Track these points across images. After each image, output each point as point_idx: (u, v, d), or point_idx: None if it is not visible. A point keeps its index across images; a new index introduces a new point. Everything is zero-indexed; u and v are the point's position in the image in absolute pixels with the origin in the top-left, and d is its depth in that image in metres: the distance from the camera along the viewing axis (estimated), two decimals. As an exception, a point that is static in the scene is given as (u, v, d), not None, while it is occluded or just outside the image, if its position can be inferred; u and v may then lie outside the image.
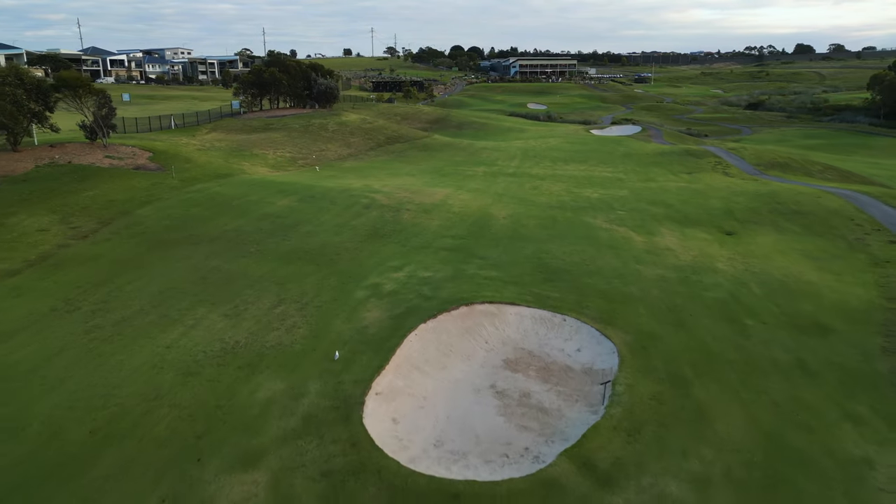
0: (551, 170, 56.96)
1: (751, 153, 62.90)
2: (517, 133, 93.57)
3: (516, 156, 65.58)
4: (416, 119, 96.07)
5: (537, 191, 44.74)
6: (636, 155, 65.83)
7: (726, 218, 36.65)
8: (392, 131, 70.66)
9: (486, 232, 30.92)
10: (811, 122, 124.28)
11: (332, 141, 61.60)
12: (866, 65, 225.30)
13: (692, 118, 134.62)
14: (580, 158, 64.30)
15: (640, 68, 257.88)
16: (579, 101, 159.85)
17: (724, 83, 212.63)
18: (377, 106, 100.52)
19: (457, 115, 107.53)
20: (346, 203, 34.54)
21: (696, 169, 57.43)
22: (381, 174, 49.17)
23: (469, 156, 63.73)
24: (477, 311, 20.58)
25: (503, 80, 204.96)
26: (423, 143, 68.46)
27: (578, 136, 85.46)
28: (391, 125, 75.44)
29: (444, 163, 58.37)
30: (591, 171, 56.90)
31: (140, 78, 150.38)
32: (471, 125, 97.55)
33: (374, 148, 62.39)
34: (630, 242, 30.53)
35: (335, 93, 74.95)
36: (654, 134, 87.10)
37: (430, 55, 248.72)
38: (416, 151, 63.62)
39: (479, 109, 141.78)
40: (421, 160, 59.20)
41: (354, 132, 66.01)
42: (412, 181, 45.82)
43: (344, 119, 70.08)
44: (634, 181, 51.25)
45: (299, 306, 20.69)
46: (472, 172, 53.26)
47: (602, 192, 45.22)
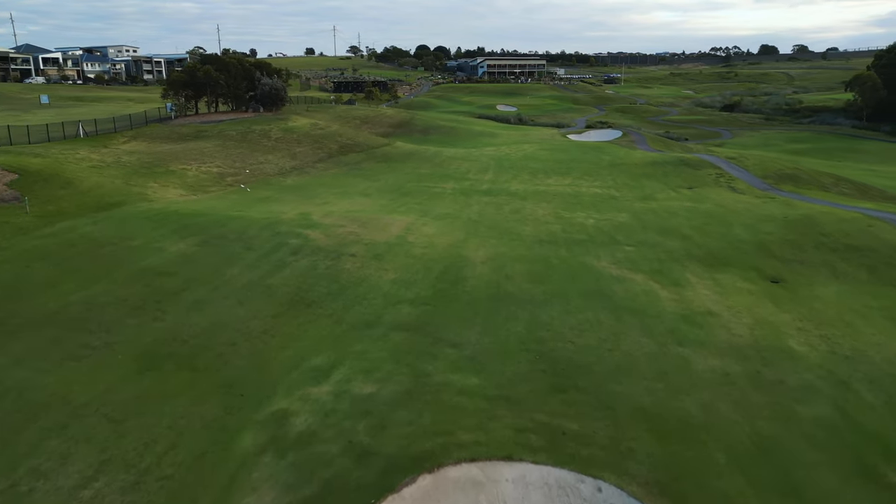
0: (532, 184, 48.50)
1: (754, 163, 55.51)
2: (488, 138, 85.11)
3: (490, 167, 56.99)
4: (377, 123, 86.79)
5: (520, 216, 36.13)
6: (624, 165, 57.91)
7: (762, 255, 28.57)
8: (348, 138, 61.29)
9: (458, 290, 22.10)
10: (790, 125, 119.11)
11: (273, 151, 51.98)
12: (832, 66, 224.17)
13: (668, 120, 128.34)
14: (562, 169, 56.05)
15: (609, 69, 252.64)
16: (550, 102, 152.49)
17: (694, 84, 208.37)
18: (335, 108, 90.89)
19: (422, 117, 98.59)
20: (268, 246, 25.31)
21: (697, 182, 49.69)
22: (327, 195, 39.92)
23: (436, 167, 54.85)
24: (449, 483, 11.71)
25: (471, 80, 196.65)
26: (383, 151, 59.28)
27: (556, 143, 77.38)
28: (347, 131, 66.05)
29: (407, 177, 49.36)
30: (578, 185, 48.64)
31: (77, 77, 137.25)
32: (437, 129, 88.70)
33: (323, 159, 52.98)
34: (656, 302, 22.08)
35: (281, 94, 65.21)
36: (637, 139, 79.58)
37: (396, 55, 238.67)
38: (375, 163, 54.43)
39: (446, 111, 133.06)
40: (379, 174, 50.06)
41: (302, 140, 56.46)
42: (365, 205, 36.74)
43: (291, 124, 60.44)
44: (631, 199, 43.11)
45: (129, 483, 11.49)
46: (440, 190, 44.40)
47: (597, 216, 36.86)
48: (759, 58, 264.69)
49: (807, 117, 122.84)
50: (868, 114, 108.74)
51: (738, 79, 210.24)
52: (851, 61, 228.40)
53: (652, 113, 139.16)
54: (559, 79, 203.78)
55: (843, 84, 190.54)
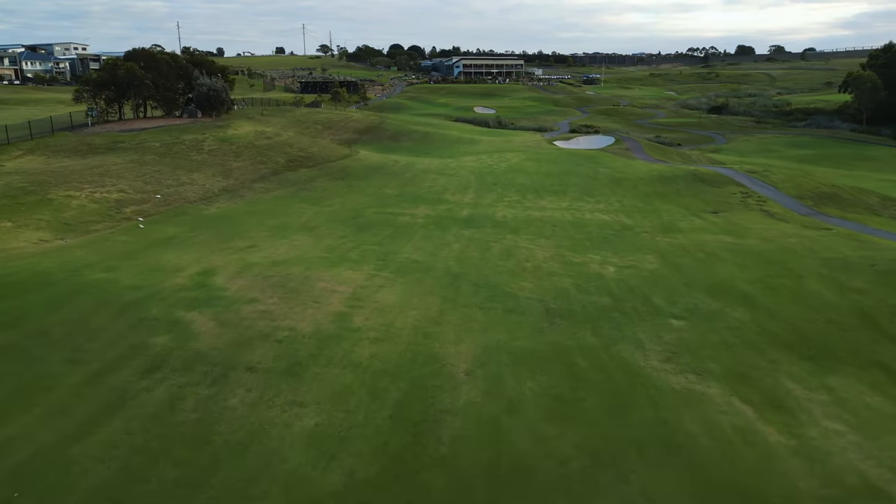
0: (522, 208, 38.96)
1: (782, 178, 46.72)
2: (467, 145, 75.50)
3: (470, 183, 47.33)
4: (341, 128, 76.55)
5: (514, 262, 26.47)
6: (628, 180, 48.76)
7: (875, 336, 19.27)
8: (300, 149, 51.05)
9: (428, 458, 12.25)
10: (784, 128, 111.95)
11: (202, 167, 41.60)
12: (812, 66, 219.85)
13: (656, 123, 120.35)
14: (556, 186, 46.66)
15: (588, 69, 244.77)
16: (530, 104, 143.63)
17: (675, 84, 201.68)
18: (294, 112, 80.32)
19: (393, 121, 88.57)
20: (111, 354, 15.19)
21: (721, 204, 40.68)
22: (256, 231, 29.83)
23: (405, 185, 44.97)
24: None
25: (446, 80, 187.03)
26: (342, 166, 49.19)
27: (543, 151, 68.08)
28: (302, 140, 55.78)
29: (368, 200, 39.42)
30: (579, 209, 39.27)
31: (15, 77, 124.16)
32: (410, 135, 78.80)
33: (266, 177, 42.71)
34: (769, 461, 12.62)
35: (222, 96, 54.63)
36: (632, 147, 70.71)
37: (368, 54, 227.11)
38: (330, 181, 44.33)
39: (420, 114, 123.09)
40: (333, 196, 40.04)
41: (242, 152, 46.11)
42: (303, 249, 26.75)
43: (232, 133, 50.01)
44: (649, 230, 33.83)
45: None
46: (409, 219, 34.56)
47: (616, 260, 27.40)
48: (737, 58, 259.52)
49: (800, 120, 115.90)
50: (867, 116, 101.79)
51: (719, 79, 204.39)
52: (831, 62, 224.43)
53: (637, 115, 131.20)
54: (537, 79, 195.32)
55: (826, 85, 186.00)
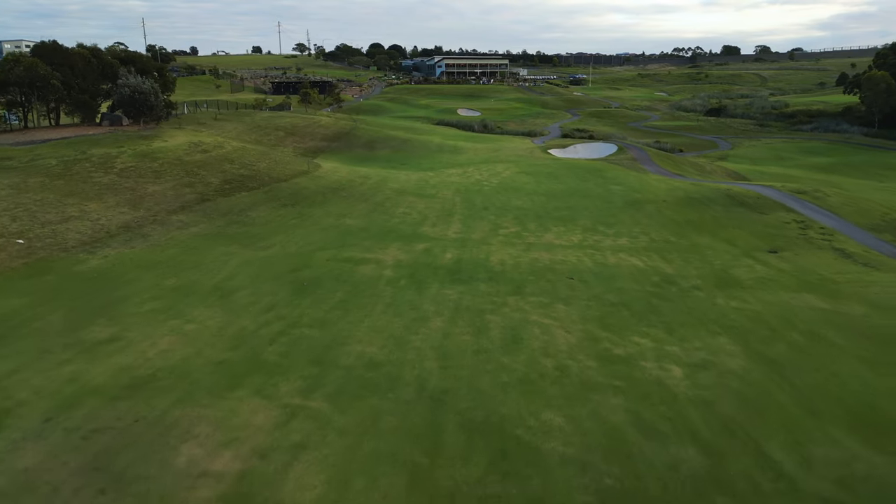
0: (524, 246, 29.45)
1: (841, 202, 37.70)
2: (451, 154, 65.97)
3: (455, 207, 37.76)
4: (307, 135, 66.58)
5: (525, 358, 16.89)
6: (647, 202, 39.52)
7: None
8: (243, 165, 41.05)
9: None
10: (789, 132, 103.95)
11: (105, 194, 31.46)
12: (802, 66, 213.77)
13: (652, 127, 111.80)
14: (562, 211, 37.26)
15: (573, 69, 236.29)
16: (517, 106, 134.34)
17: (664, 85, 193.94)
18: (254, 116, 70.11)
19: (369, 126, 78.76)
20: None
21: (776, 238, 31.50)
22: (132, 306, 19.90)
23: (373, 213, 35.23)
24: None
25: (428, 81, 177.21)
26: (294, 186, 39.24)
27: (538, 161, 58.69)
28: (250, 152, 45.72)
29: (320, 238, 29.62)
30: (597, 246, 29.87)
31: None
32: (386, 143, 69.05)
33: (189, 206, 32.62)
34: None
35: (150, 100, 44.26)
36: (639, 156, 61.65)
37: (346, 53, 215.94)
38: (274, 208, 34.37)
39: (400, 117, 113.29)
40: (273, 233, 30.15)
41: (165, 171, 36.00)
42: (192, 344, 16.94)
43: (158, 145, 39.83)
44: (699, 282, 24.51)
45: None
46: (372, 270, 24.86)
47: (679, 350, 17.94)
48: (724, 58, 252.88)
49: (805, 123, 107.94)
50: (880, 119, 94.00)
51: (708, 80, 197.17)
52: (821, 62, 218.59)
53: (631, 118, 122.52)
54: (523, 80, 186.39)
55: (819, 86, 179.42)
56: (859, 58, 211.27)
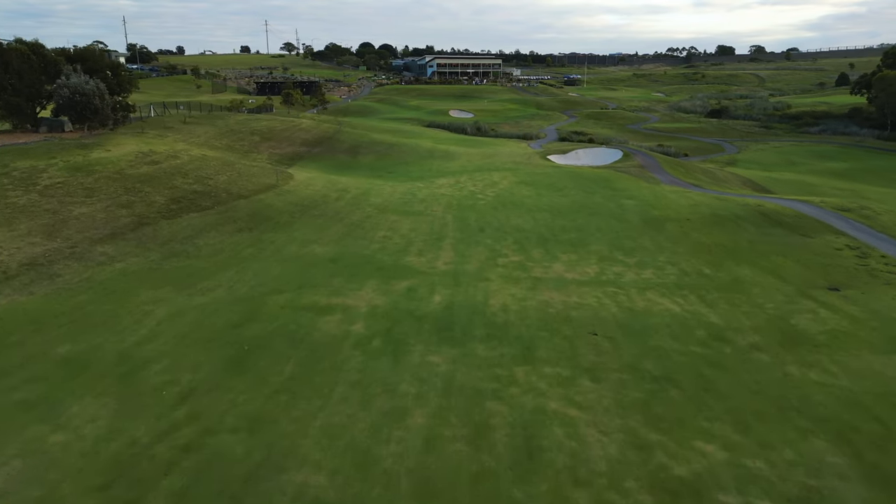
0: (530, 283, 23.85)
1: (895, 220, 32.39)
2: (442, 160, 60.33)
3: (446, 228, 32.10)
4: (284, 140, 60.76)
5: (546, 489, 11.42)
6: (668, 221, 34.03)
7: None
8: (198, 178, 35.18)
9: None
10: (796, 134, 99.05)
11: (17, 219, 25.56)
12: (799, 66, 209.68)
13: (652, 129, 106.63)
14: (570, 233, 31.71)
15: (567, 69, 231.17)
16: (511, 107, 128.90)
17: (661, 86, 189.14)
18: (228, 119, 64.17)
19: (353, 129, 73.03)
20: None
21: (832, 269, 26.08)
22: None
23: (348, 237, 29.51)
24: None
25: (419, 81, 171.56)
26: (257, 204, 33.39)
27: (537, 169, 53.11)
28: (215, 161, 39.88)
29: (278, 275, 23.88)
30: (619, 281, 24.32)
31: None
32: (371, 148, 63.33)
33: (121, 232, 26.75)
34: None
35: (94, 102, 38.24)
36: (646, 163, 56.22)
37: (335, 52, 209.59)
38: (228, 234, 28.57)
39: (388, 118, 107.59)
40: (221, 268, 24.36)
41: (100, 188, 30.10)
42: (60, 469, 11.24)
43: (99, 156, 33.93)
44: (758, 339, 19.02)
45: None
46: (337, 324, 19.15)
47: (766, 467, 12.44)
48: (719, 58, 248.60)
49: (811, 125, 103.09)
50: (893, 121, 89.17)
51: (705, 80, 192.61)
52: (818, 62, 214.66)
53: (629, 119, 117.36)
54: (516, 80, 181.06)
55: (818, 86, 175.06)
56: (856, 58, 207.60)
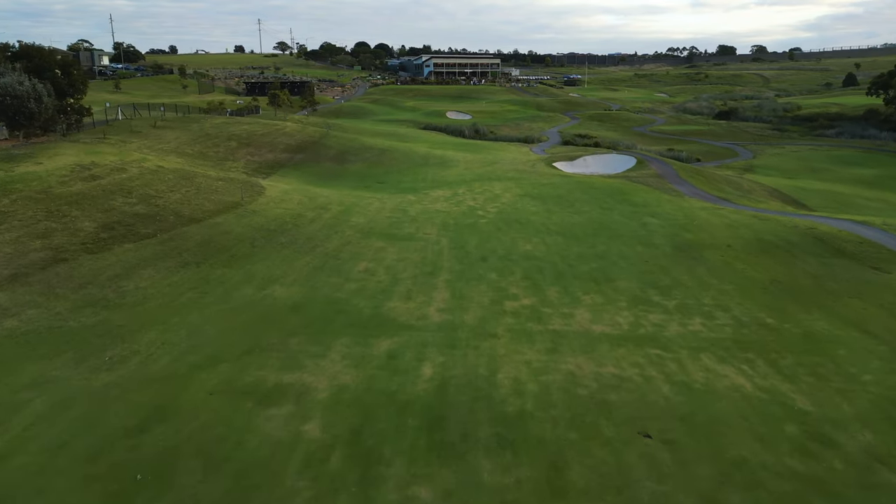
0: (549, 347, 18.19)
1: None
2: (437, 168, 54.66)
3: (440, 257, 26.44)
4: (265, 145, 55.05)
5: None
6: (705, 249, 28.41)
7: None
8: (145, 197, 29.44)
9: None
10: (810, 137, 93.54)
11: None
12: (803, 66, 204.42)
13: (659, 132, 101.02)
14: (589, 262, 26.07)
15: (567, 69, 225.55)
16: (511, 108, 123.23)
17: (663, 86, 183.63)
18: (203, 123, 58.43)
19: (343, 133, 67.38)
20: None
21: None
22: None
23: (318, 275, 23.84)
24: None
25: (415, 81, 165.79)
26: (211, 229, 27.60)
27: (543, 179, 47.44)
28: (172, 174, 34.15)
29: (214, 335, 18.18)
30: (661, 340, 18.67)
31: None
32: (361, 154, 57.65)
33: (24, 274, 21.01)
34: None
35: (28, 105, 32.43)
36: (662, 171, 50.61)
37: (329, 52, 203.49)
38: (166, 273, 22.83)
39: (382, 120, 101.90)
40: (140, 329, 18.65)
41: (14, 213, 24.35)
42: None
43: (24, 170, 28.16)
44: (868, 434, 13.35)
45: None
46: (282, 429, 13.50)
47: None
48: (721, 58, 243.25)
49: (826, 127, 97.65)
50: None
51: (708, 80, 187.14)
52: (822, 62, 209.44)
53: (634, 121, 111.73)
54: (515, 80, 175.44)
55: (825, 86, 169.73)
56: (860, 57, 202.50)
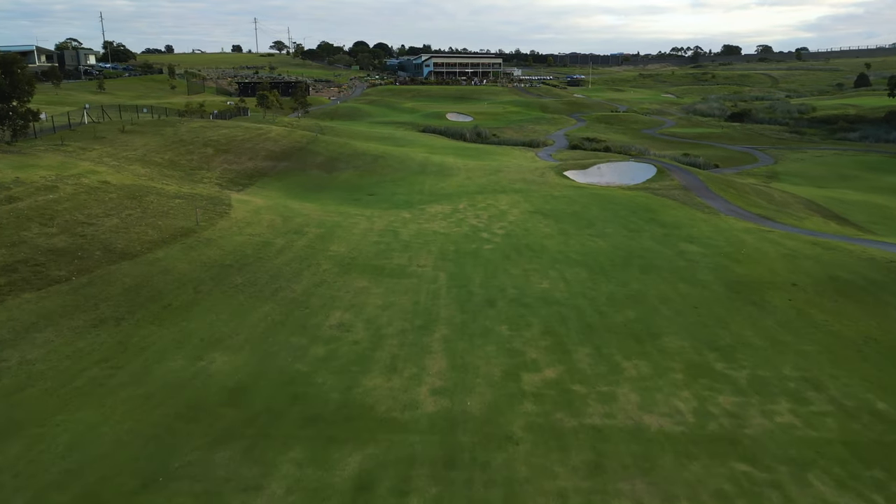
0: (589, 451, 12.44)
1: None
2: (436, 178, 49.02)
3: (437, 302, 20.77)
4: (246, 151, 49.43)
5: None
6: (765, 289, 22.78)
7: None
8: (69, 226, 23.81)
9: None
10: (833, 141, 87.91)
11: None
12: (811, 66, 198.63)
13: (670, 135, 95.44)
14: (625, 311, 20.41)
15: (570, 69, 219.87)
16: (514, 109, 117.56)
17: (668, 86, 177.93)
18: (179, 127, 52.80)
19: (336, 137, 61.79)
20: None
21: None
22: None
23: (275, 334, 18.23)
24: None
25: (414, 81, 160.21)
26: (148, 267, 21.91)
27: (556, 191, 41.74)
28: (117, 192, 28.54)
29: (110, 444, 12.54)
30: (740, 438, 12.90)
31: None
32: (352, 161, 52.04)
33: None
34: None
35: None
36: (689, 183, 44.91)
37: (327, 51, 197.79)
38: (70, 336, 17.22)
39: (379, 122, 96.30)
40: (8, 434, 13.01)
41: None
42: None
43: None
44: None
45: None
46: None
47: None
48: (727, 58, 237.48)
49: (848, 130, 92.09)
50: (947, 128, 77.88)
51: (715, 81, 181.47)
52: (831, 62, 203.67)
53: (643, 124, 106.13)
54: (518, 80, 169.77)
55: (836, 87, 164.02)
56: (868, 58, 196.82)
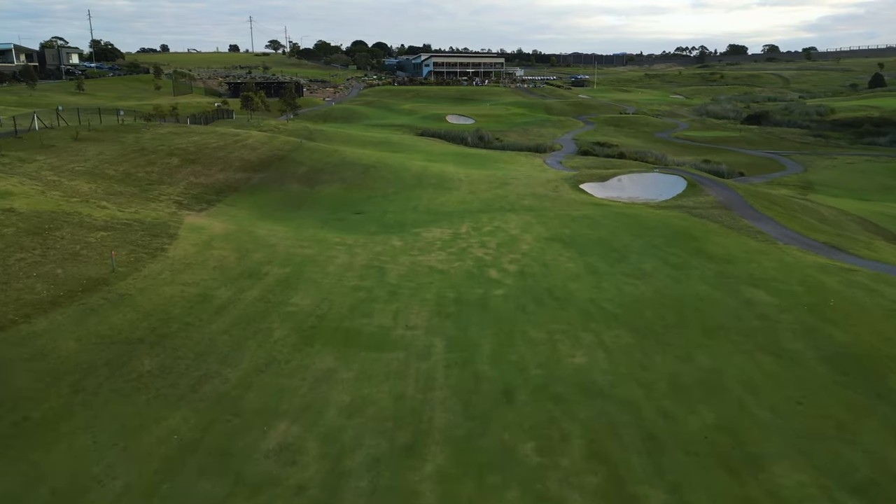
0: None
1: None
2: (434, 191, 42.61)
3: (428, 399, 14.12)
4: (216, 162, 43.05)
5: None
6: (880, 368, 16.42)
7: None
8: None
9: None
10: (861, 146, 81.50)
11: None
12: (822, 66, 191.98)
13: (685, 138, 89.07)
14: (699, 413, 13.91)
15: (573, 69, 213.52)
16: (518, 111, 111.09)
17: (676, 87, 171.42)
18: (143, 134, 46.45)
19: (325, 142, 55.52)
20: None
21: None
22: None
23: (174, 476, 11.84)
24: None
25: (413, 81, 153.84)
26: (10, 353, 15.55)
27: (573, 210, 35.25)
28: (31, 216, 22.21)
29: None
30: None
31: None
32: (340, 171, 45.65)
33: None
34: None
35: None
36: (726, 199, 38.40)
37: (323, 51, 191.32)
38: None
39: (375, 125, 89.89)
40: None
41: None
42: None
43: None
44: None
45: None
46: None
47: None
48: (734, 58, 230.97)
49: (875, 134, 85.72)
50: None
51: (724, 81, 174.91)
52: (842, 62, 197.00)
53: (655, 126, 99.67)
54: (520, 80, 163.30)
55: (850, 87, 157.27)
56: (881, 57, 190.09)
